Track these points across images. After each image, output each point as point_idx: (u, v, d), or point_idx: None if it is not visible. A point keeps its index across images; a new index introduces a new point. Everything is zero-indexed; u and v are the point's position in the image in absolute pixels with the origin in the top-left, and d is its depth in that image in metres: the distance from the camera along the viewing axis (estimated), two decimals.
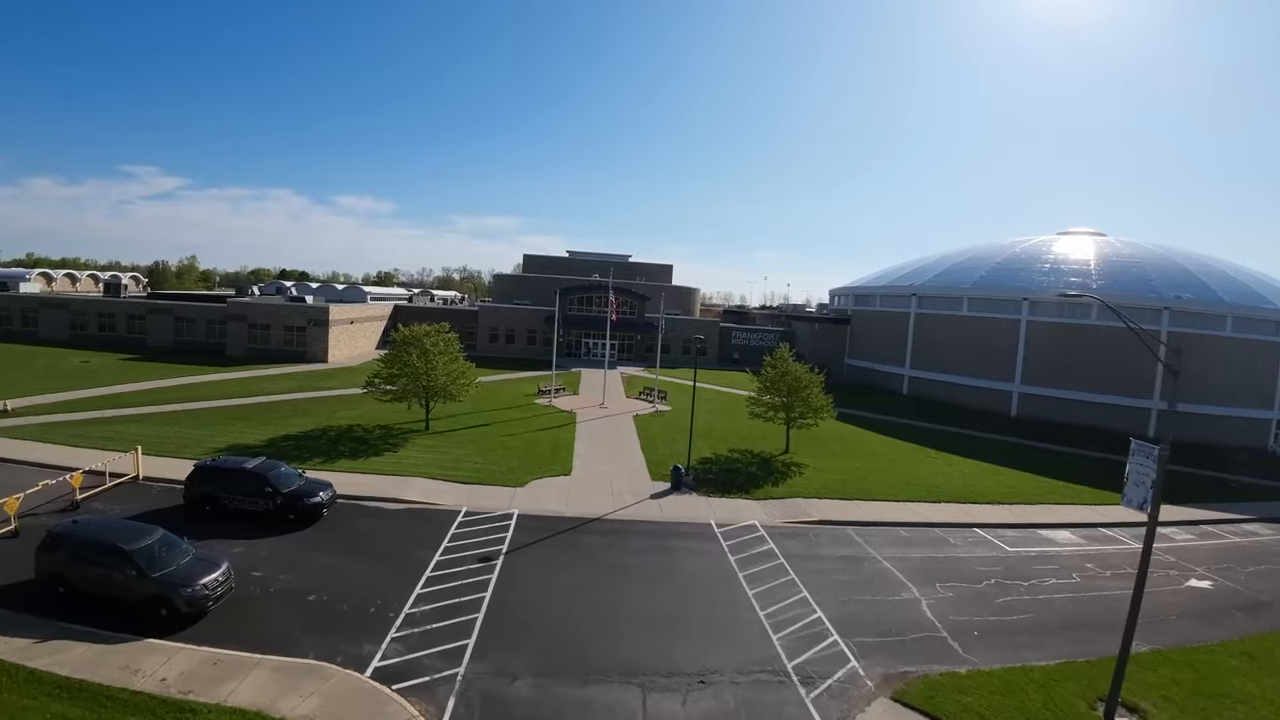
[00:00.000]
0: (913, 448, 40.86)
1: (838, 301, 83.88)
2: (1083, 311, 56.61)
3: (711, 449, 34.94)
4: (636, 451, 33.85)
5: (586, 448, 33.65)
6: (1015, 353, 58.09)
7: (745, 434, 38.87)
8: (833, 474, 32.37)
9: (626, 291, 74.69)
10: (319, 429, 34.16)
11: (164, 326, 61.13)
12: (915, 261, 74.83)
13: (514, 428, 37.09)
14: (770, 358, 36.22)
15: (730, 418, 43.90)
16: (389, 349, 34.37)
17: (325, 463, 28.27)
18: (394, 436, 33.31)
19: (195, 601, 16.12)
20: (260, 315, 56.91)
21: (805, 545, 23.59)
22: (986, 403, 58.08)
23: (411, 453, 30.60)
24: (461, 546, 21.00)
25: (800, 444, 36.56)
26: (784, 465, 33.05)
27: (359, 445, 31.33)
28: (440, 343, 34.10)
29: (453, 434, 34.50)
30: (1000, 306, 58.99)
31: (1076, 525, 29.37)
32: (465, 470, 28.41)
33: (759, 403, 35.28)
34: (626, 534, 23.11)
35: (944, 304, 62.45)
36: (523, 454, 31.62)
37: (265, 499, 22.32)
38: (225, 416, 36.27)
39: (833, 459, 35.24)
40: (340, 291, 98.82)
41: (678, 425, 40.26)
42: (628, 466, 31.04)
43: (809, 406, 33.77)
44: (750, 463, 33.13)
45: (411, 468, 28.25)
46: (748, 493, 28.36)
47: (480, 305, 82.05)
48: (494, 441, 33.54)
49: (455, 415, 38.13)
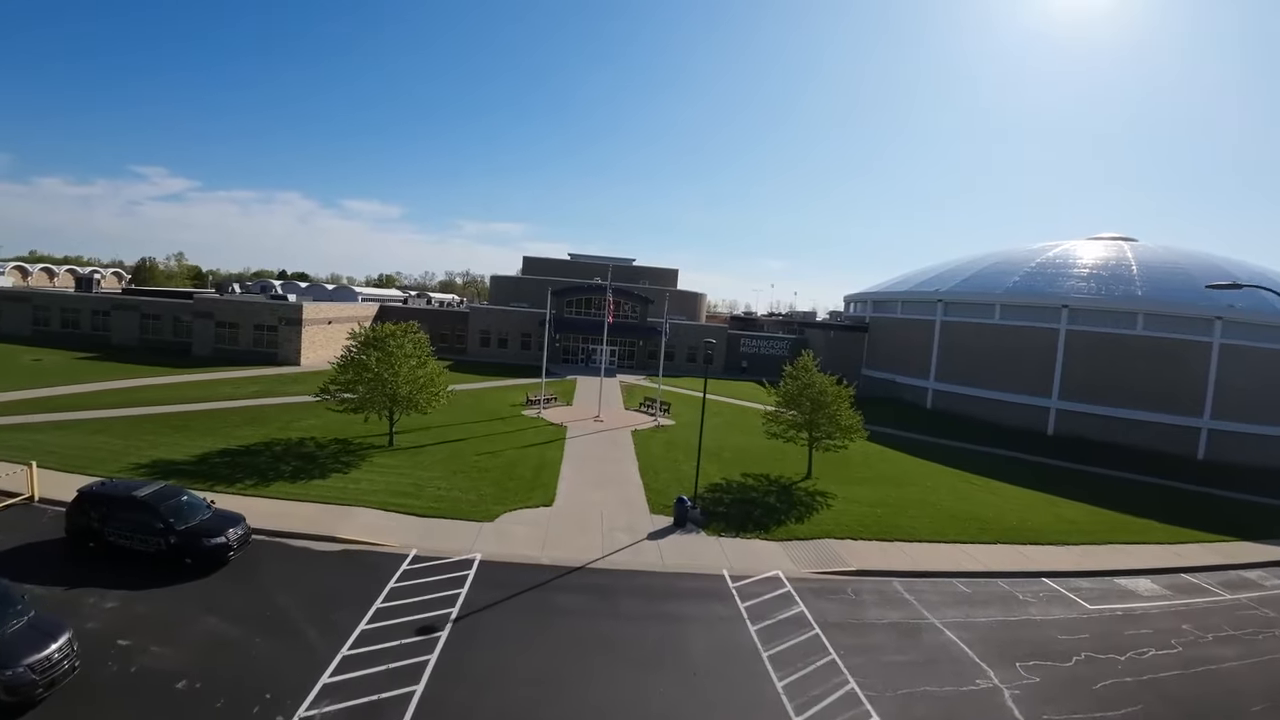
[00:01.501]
0: (950, 472, 35.87)
1: (853, 308, 78.83)
2: (1127, 320, 51.70)
3: (722, 473, 29.99)
4: (634, 475, 28.87)
5: (575, 470, 28.71)
6: (1053, 365, 53.05)
7: (760, 455, 33.91)
8: (865, 505, 27.39)
9: (628, 294, 69.88)
10: (265, 442, 29.38)
11: (129, 324, 56.60)
12: (938, 266, 69.85)
13: (494, 444, 32.16)
14: (791, 368, 31.26)
15: (742, 434, 38.97)
16: (346, 351, 29.59)
17: (257, 486, 23.46)
18: (350, 453, 28.46)
19: (16, 689, 11.47)
20: (228, 313, 52.20)
21: (844, 608, 18.57)
22: (1020, 419, 52.99)
23: (365, 474, 25.73)
24: (399, 610, 16.06)
25: (824, 468, 31.58)
26: (807, 494, 28.06)
27: (305, 464, 26.50)
28: (407, 345, 29.26)
29: (419, 451, 29.58)
30: (1037, 314, 53.96)
31: (1156, 571, 24.59)
32: (425, 499, 23.51)
33: (777, 420, 30.26)
34: (617, 592, 18.10)
35: (974, 311, 57.39)
36: (499, 477, 26.67)
37: (157, 536, 17.55)
38: (166, 425, 31.58)
39: (863, 486, 30.25)
40: (330, 291, 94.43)
41: (682, 442, 35.34)
42: (623, 495, 26.09)
43: (837, 426, 28.74)
44: (767, 491, 28.13)
45: (360, 494, 23.38)
46: (767, 531, 23.35)
47: (471, 307, 77.23)
48: (467, 461, 28.60)
49: (427, 428, 33.26)
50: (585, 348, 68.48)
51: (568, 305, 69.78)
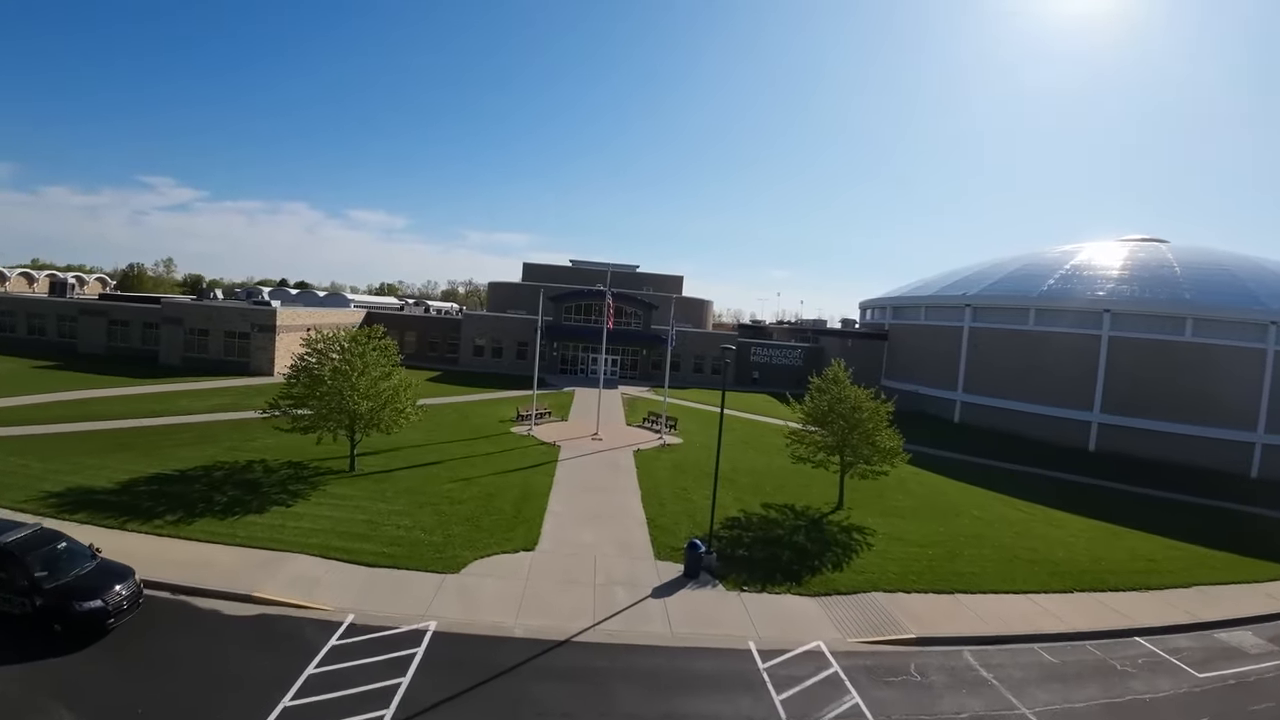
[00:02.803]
0: (996, 498, 31.45)
1: (870, 315, 74.46)
2: (1174, 326, 47.36)
3: (739, 503, 25.62)
4: (635, 508, 24.43)
5: (566, 502, 24.32)
6: (1094, 375, 48.60)
7: (781, 479, 29.55)
8: (912, 544, 23.00)
9: (630, 299, 65.74)
10: (208, 465, 25.25)
11: (96, 330, 52.72)
12: (961, 270, 65.44)
13: (473, 467, 27.77)
14: (818, 380, 26.93)
15: (758, 454, 34.61)
16: (296, 360, 25.43)
17: (177, 523, 19.27)
18: (302, 479, 24.24)
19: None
20: (197, 319, 48.13)
21: (911, 696, 14.13)
22: (1058, 435, 48.49)
23: (313, 507, 21.46)
24: (312, 712, 11.77)
25: (857, 495, 27.19)
26: (842, 531, 23.66)
27: (245, 493, 22.30)
28: (368, 353, 25.04)
29: (385, 478, 25.25)
30: (1076, 320, 49.58)
31: (1255, 620, 20.49)
32: (379, 540, 19.19)
33: (803, 440, 25.85)
34: (612, 679, 13.67)
35: (1005, 316, 53.00)
36: (473, 511, 22.27)
37: (20, 595, 13.47)
38: (104, 444, 27.53)
39: (904, 519, 25.85)
40: (321, 298, 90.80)
41: (691, 465, 30.99)
42: (622, 534, 21.64)
43: (875, 449, 24.34)
44: (795, 526, 23.71)
45: (301, 534, 19.11)
46: (800, 583, 18.91)
47: (463, 313, 73.15)
48: (438, 490, 24.19)
49: (398, 449, 29.01)
50: (586, 357, 64.32)
51: (566, 312, 65.70)
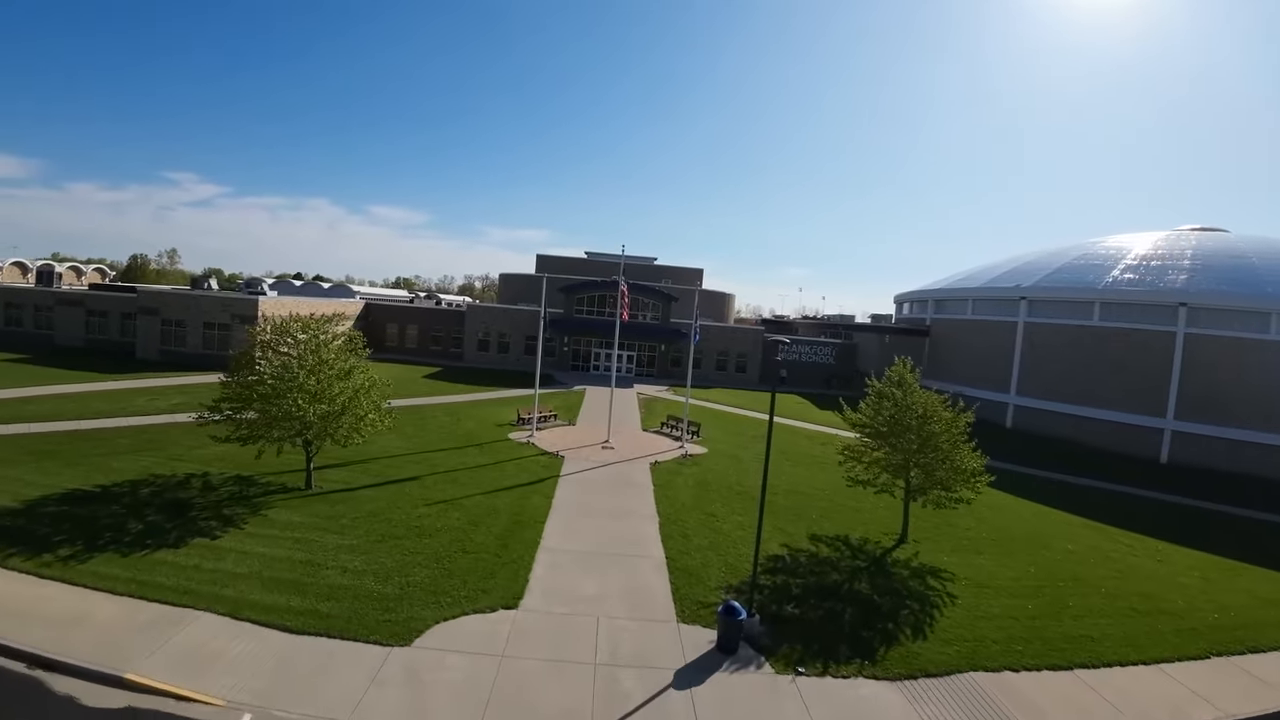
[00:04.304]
0: (1081, 523, 26.28)
1: (907, 309, 68.84)
2: (1259, 323, 41.65)
3: (780, 534, 20.70)
4: (652, 541, 19.46)
5: (565, 533, 19.47)
6: (1168, 377, 42.97)
7: (826, 500, 24.67)
8: (1002, 591, 18.02)
9: (648, 290, 60.98)
10: (136, 481, 21.02)
11: (73, 321, 49.22)
12: (1009, 261, 59.71)
13: (456, 485, 23.09)
14: (875, 382, 21.93)
15: (794, 466, 29.73)
16: (238, 354, 21.11)
17: (68, 561, 14.94)
18: (243, 500, 19.87)
19: None
20: (175, 309, 44.19)
21: None
22: (1125, 443, 42.96)
23: (243, 541, 16.99)
24: None
25: (919, 521, 22.17)
26: (913, 574, 18.66)
27: (167, 519, 17.96)
28: (323, 346, 20.61)
29: (346, 498, 20.69)
30: (1149, 314, 43.93)
31: None
32: (313, 592, 14.61)
33: (863, 458, 20.76)
34: None
35: (1067, 311, 47.37)
36: (445, 548, 17.56)
37: None
38: (28, 450, 23.53)
39: (983, 555, 20.84)
40: (326, 289, 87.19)
41: (719, 481, 26.12)
42: (634, 582, 16.69)
43: (955, 471, 19.29)
44: (853, 568, 18.72)
45: (213, 582, 14.65)
46: (872, 659, 13.91)
47: (468, 305, 68.82)
48: (407, 517, 19.48)
49: (371, 459, 24.60)
50: (600, 353, 59.73)
51: (579, 304, 61.12)
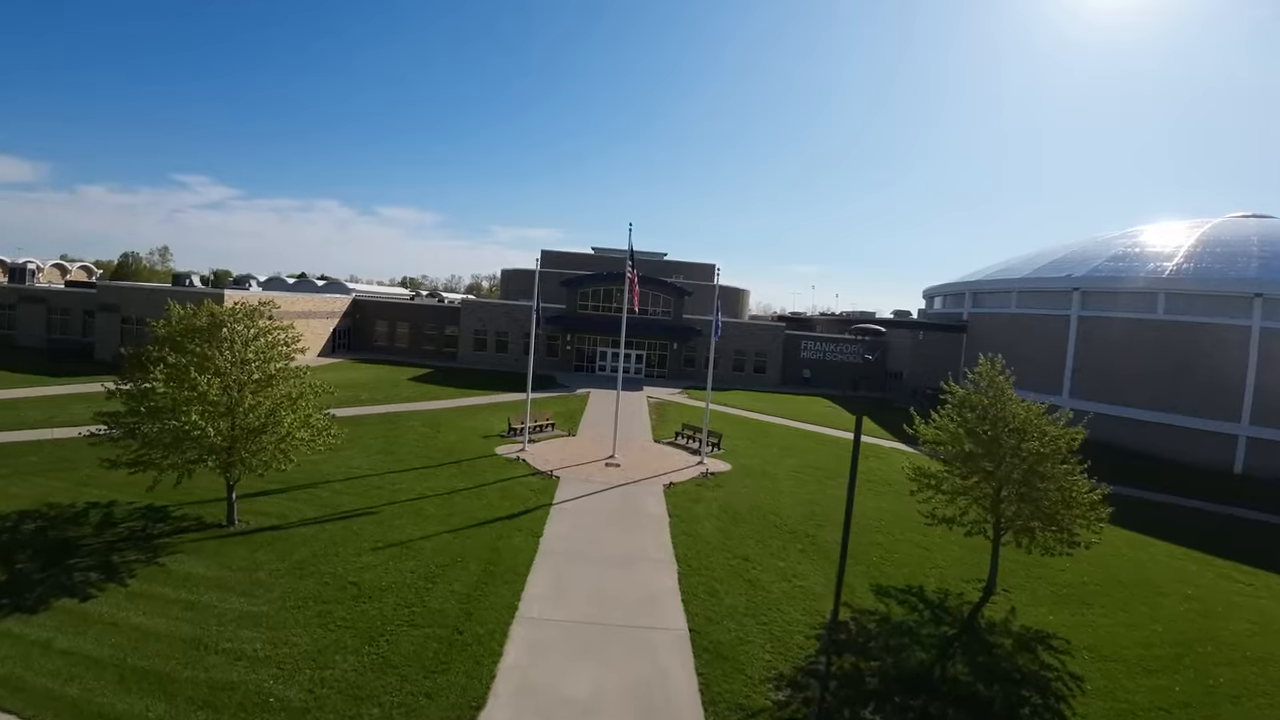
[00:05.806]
0: (1189, 555, 21.51)
1: (940, 303, 63.73)
2: None
3: (835, 586, 16.08)
4: (669, 602, 14.58)
5: (550, 597, 14.56)
6: (1243, 377, 37.94)
7: (884, 529, 20.00)
8: (1135, 667, 13.28)
9: (659, 284, 56.37)
10: (24, 512, 16.75)
11: (35, 319, 45.45)
12: (1052, 250, 54.47)
13: (419, 520, 18.25)
14: (958, 389, 17.25)
15: (841, 487, 24.99)
16: (131, 356, 16.77)
17: None
18: (144, 541, 15.44)
19: None
20: (136, 306, 39.99)
21: None
22: (1194, 451, 38.03)
23: (117, 605, 12.44)
24: None
25: (1004, 564, 17.44)
26: (1016, 643, 13.89)
27: (35, 569, 13.53)
28: (243, 346, 16.17)
29: (275, 539, 16.08)
30: (1220, 306, 38.94)
31: None
32: (186, 695, 9.94)
33: (940, 487, 16.01)
34: None
35: (1126, 303, 42.32)
36: (390, 617, 12.83)
37: None
38: None
39: (1091, 607, 16.10)
40: (320, 286, 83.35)
41: (749, 509, 21.25)
42: (645, 673, 11.89)
43: (1065, 504, 14.54)
44: (937, 637, 13.90)
45: (55, 673, 10.08)
46: None
47: (463, 301, 64.42)
48: (343, 570, 14.63)
49: (322, 484, 20.07)
50: (606, 352, 55.22)
51: (583, 300, 56.62)
